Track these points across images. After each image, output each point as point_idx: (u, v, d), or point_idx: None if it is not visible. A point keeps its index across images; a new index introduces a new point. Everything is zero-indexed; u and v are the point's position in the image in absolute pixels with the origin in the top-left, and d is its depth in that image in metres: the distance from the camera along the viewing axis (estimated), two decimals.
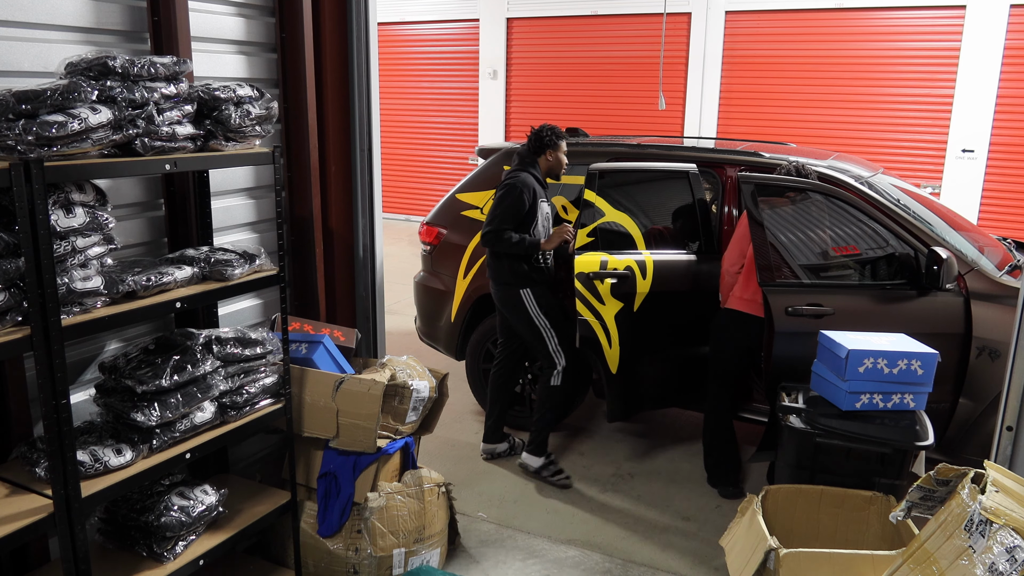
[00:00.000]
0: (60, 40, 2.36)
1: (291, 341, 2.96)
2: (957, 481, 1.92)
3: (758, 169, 4.01)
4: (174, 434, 2.31)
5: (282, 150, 2.97)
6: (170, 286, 2.31)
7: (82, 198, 2.08)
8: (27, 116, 1.88)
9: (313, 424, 2.89)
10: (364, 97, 3.40)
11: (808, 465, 2.84)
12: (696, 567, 3.35)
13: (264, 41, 3.13)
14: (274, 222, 3.23)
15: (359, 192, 3.49)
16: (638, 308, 3.85)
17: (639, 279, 3.84)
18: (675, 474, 4.17)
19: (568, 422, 4.72)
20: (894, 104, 8.72)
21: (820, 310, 3.51)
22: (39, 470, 2.11)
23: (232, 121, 2.39)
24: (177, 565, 2.37)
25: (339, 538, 2.91)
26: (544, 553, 3.42)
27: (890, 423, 2.77)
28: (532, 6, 10.61)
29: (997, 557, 1.68)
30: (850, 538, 2.71)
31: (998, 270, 3.64)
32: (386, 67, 11.64)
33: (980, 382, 3.43)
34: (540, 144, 3.94)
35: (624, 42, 10.11)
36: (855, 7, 8.70)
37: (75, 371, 2.48)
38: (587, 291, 3.81)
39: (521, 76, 10.93)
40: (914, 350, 2.79)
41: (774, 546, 2.34)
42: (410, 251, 9.36)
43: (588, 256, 3.85)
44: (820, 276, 3.68)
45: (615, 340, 3.85)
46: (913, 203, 3.95)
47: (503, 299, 3.96)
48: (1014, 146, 8.23)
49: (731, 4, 9.35)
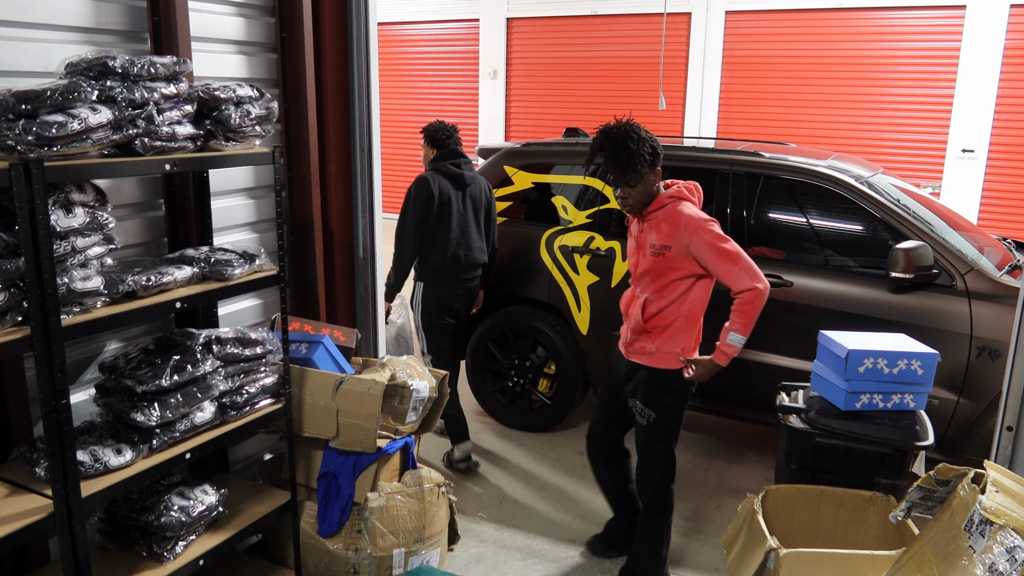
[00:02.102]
0: (60, 40, 2.36)
1: (291, 341, 2.95)
2: (957, 481, 1.92)
3: (757, 169, 4.03)
4: (174, 434, 2.31)
5: (282, 150, 2.97)
6: (170, 286, 2.31)
7: (82, 198, 2.08)
8: (27, 116, 1.88)
9: (313, 424, 2.89)
10: (364, 97, 3.40)
11: (808, 465, 2.84)
12: (696, 567, 3.35)
13: (264, 41, 3.13)
14: (274, 222, 3.23)
15: (359, 192, 3.49)
16: (616, 285, 4.23)
17: (618, 260, 4.23)
18: None
19: (568, 422, 4.72)
20: (894, 104, 8.72)
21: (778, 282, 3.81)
22: (39, 470, 2.11)
23: (232, 121, 2.39)
24: (177, 565, 2.37)
25: (339, 538, 2.91)
26: (544, 553, 3.42)
27: (890, 423, 2.77)
28: (532, 6, 10.61)
29: (997, 557, 1.68)
30: (850, 538, 2.71)
31: (998, 270, 3.65)
32: (386, 67, 11.64)
33: (980, 382, 3.44)
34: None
35: (624, 42, 10.10)
36: (855, 7, 8.70)
37: (75, 371, 2.48)
38: (565, 261, 4.36)
39: (521, 76, 10.93)
40: (914, 350, 2.79)
41: (774, 546, 2.34)
42: None
43: (577, 234, 4.35)
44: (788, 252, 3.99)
45: (585, 306, 4.34)
46: (913, 203, 3.96)
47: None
48: (1014, 146, 8.23)
49: (731, 4, 9.35)
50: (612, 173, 2.75)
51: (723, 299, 2.86)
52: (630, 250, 2.98)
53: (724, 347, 2.77)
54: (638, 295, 2.93)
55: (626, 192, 2.78)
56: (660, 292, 2.86)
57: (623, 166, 2.72)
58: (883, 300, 3.64)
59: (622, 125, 2.75)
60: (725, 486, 4.06)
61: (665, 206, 2.83)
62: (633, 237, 2.96)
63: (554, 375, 4.53)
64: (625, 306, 3.05)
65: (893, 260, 3.53)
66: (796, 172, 3.98)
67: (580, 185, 4.42)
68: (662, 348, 2.88)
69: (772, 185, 4.03)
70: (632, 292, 3.01)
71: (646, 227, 2.87)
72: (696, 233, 2.74)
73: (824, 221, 4.00)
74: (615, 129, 2.74)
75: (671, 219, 2.80)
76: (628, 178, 2.73)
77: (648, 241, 2.84)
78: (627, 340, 2.99)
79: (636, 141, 2.70)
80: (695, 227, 2.75)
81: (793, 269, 3.87)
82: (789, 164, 4.02)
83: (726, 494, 3.97)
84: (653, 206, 2.84)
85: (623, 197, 2.81)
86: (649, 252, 2.83)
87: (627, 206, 2.84)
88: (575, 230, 4.38)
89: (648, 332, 2.89)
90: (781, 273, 3.85)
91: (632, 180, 2.74)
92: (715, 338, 2.83)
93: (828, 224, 4.01)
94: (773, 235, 4.11)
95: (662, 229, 2.80)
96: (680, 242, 2.76)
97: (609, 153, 2.72)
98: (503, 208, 4.59)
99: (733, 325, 2.76)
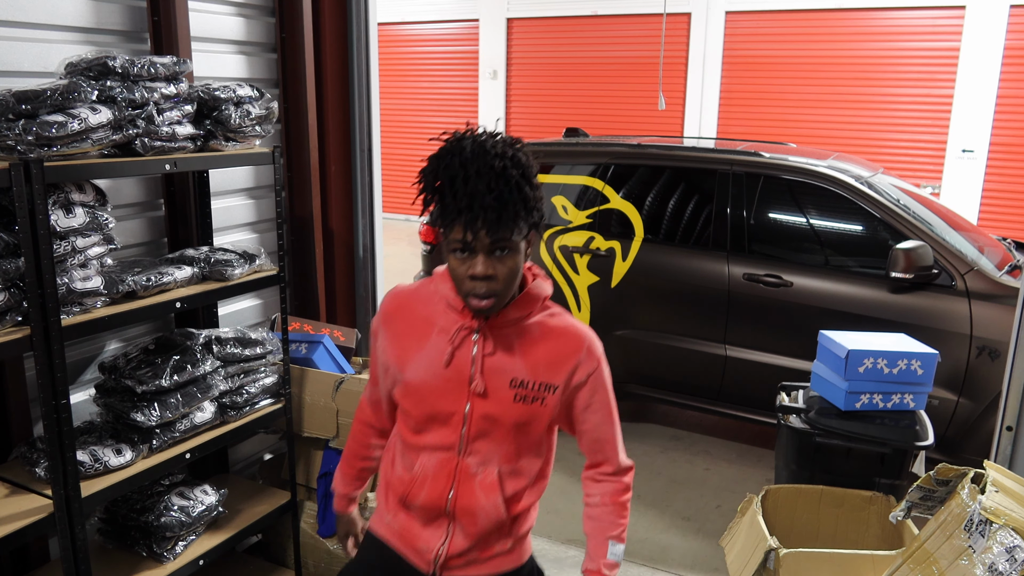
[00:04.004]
0: (60, 40, 2.36)
1: (291, 341, 2.95)
2: (957, 481, 1.92)
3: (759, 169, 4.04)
4: (174, 434, 2.31)
5: (282, 150, 2.97)
6: (170, 286, 2.31)
7: (82, 198, 2.08)
8: (27, 116, 1.88)
9: (313, 424, 2.89)
10: (364, 97, 3.41)
11: (808, 465, 2.84)
12: (696, 567, 3.35)
13: (264, 41, 3.13)
14: (274, 222, 3.23)
15: (359, 192, 3.49)
16: (616, 285, 4.25)
17: (619, 260, 4.22)
18: (675, 474, 4.17)
19: None
20: (894, 104, 8.72)
21: (778, 281, 3.84)
22: (39, 470, 2.11)
23: (232, 121, 2.39)
24: (177, 565, 2.37)
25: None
26: (544, 553, 3.42)
27: (890, 423, 2.77)
28: (532, 6, 10.61)
29: (997, 557, 1.68)
30: (850, 538, 2.71)
31: (998, 270, 3.65)
32: (386, 67, 11.64)
33: (980, 382, 3.44)
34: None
35: (624, 42, 10.11)
36: (855, 7, 8.70)
37: (75, 371, 2.48)
38: (565, 261, 4.35)
39: (521, 76, 10.94)
40: (914, 350, 2.79)
41: (774, 546, 2.34)
42: (410, 251, 9.36)
43: (577, 234, 4.35)
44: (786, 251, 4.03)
45: (585, 306, 4.33)
46: (913, 203, 3.96)
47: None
48: (1014, 146, 8.23)
49: (731, 4, 9.35)
50: (479, 225, 1.43)
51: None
52: (437, 378, 1.62)
53: (607, 567, 1.72)
54: (473, 469, 1.64)
55: (490, 266, 1.48)
56: (523, 458, 1.69)
57: (505, 214, 1.43)
58: (883, 300, 3.64)
59: (501, 142, 1.48)
60: (725, 486, 4.06)
61: (548, 313, 1.64)
62: (451, 350, 1.61)
63: None
64: (402, 483, 1.68)
65: (893, 260, 3.53)
66: (796, 172, 3.98)
67: (580, 185, 4.42)
68: (519, 534, 1.74)
69: (772, 185, 4.03)
70: (439, 460, 1.65)
71: (493, 345, 1.60)
72: (601, 377, 1.66)
73: (824, 221, 4.00)
74: (491, 146, 1.45)
75: (562, 342, 1.62)
76: (504, 236, 1.46)
77: (505, 371, 1.60)
78: (450, 553, 1.67)
79: (530, 174, 1.49)
80: (602, 371, 1.66)
81: (793, 269, 3.87)
82: (789, 164, 4.03)
83: (726, 494, 3.96)
84: (516, 309, 1.60)
85: (482, 275, 1.48)
86: (509, 393, 1.60)
87: (484, 293, 1.50)
88: (575, 230, 4.38)
89: (507, 526, 1.69)
90: (781, 273, 3.86)
91: (509, 243, 1.48)
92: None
93: (828, 224, 4.01)
94: (773, 235, 4.11)
95: (537, 356, 1.60)
96: (570, 384, 1.63)
97: (482, 187, 1.42)
98: None
99: (612, 529, 1.73)
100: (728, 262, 4.00)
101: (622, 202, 4.28)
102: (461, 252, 1.48)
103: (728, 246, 4.03)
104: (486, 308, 1.52)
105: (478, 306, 1.51)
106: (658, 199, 4.27)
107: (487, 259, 1.47)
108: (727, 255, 4.01)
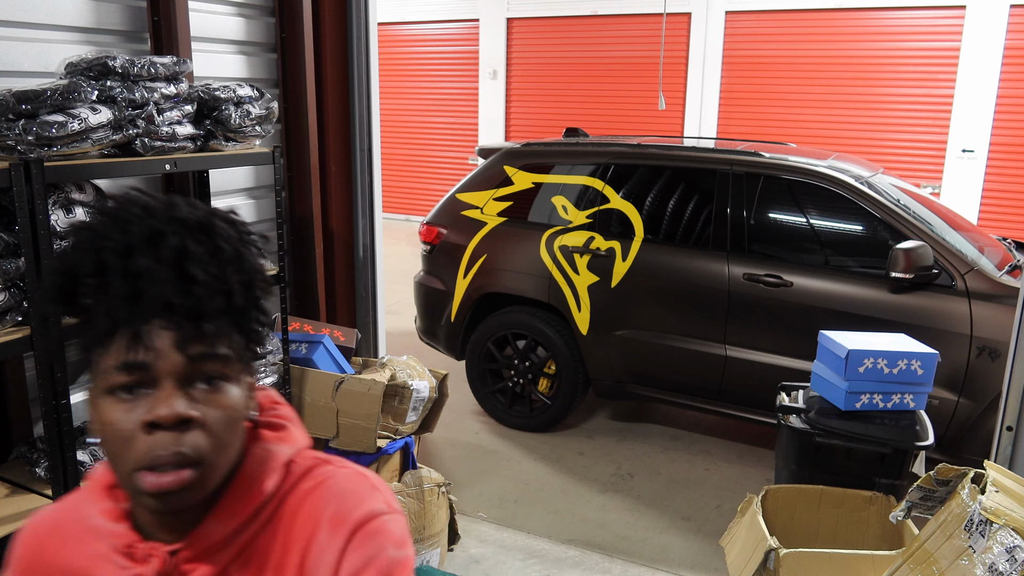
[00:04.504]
0: (60, 40, 2.36)
1: (291, 341, 2.95)
2: (957, 481, 1.92)
3: (757, 168, 4.04)
4: None
5: (282, 150, 2.97)
6: None
7: (82, 198, 2.08)
8: (27, 116, 1.88)
9: (313, 424, 2.89)
10: (364, 97, 3.41)
11: (808, 465, 2.84)
12: (696, 567, 3.35)
13: (264, 41, 3.13)
14: (274, 222, 3.23)
15: (359, 192, 3.49)
16: (616, 285, 4.23)
17: (618, 260, 4.19)
18: (675, 474, 4.17)
19: (568, 422, 4.72)
20: (894, 104, 8.72)
21: (778, 280, 3.85)
22: (39, 470, 2.11)
23: (232, 121, 2.39)
24: None
25: None
26: (544, 553, 3.42)
27: (890, 423, 2.77)
28: (532, 6, 10.62)
29: (997, 557, 1.68)
30: (850, 538, 2.71)
31: (998, 270, 3.65)
32: (386, 67, 11.64)
33: (980, 382, 3.44)
34: None
35: (624, 42, 10.11)
36: (855, 7, 8.71)
37: (75, 371, 2.48)
38: (565, 261, 4.31)
39: (521, 76, 10.94)
40: (914, 350, 2.79)
41: (774, 546, 2.34)
42: (410, 251, 9.36)
43: (577, 234, 4.32)
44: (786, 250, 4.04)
45: (585, 306, 4.28)
46: (913, 203, 3.96)
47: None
48: (1014, 146, 8.23)
49: (731, 4, 9.35)
50: (158, 327, 0.79)
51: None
52: None
53: None
54: None
55: (187, 403, 0.80)
56: None
57: (208, 304, 0.80)
58: (883, 300, 3.64)
59: (208, 214, 0.84)
60: (725, 486, 4.06)
61: (295, 482, 0.91)
62: None
63: (554, 375, 4.53)
64: None
65: (893, 260, 3.53)
66: (796, 172, 3.98)
67: (580, 185, 4.42)
68: None
69: (772, 185, 4.03)
70: None
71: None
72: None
73: (824, 221, 4.00)
74: (180, 204, 0.84)
75: (310, 524, 0.87)
76: (209, 348, 0.82)
77: None
78: None
79: (253, 240, 0.89)
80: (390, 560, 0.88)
81: (793, 269, 3.87)
82: (789, 164, 4.03)
83: (726, 494, 3.96)
84: (229, 515, 0.87)
85: (171, 419, 0.79)
86: None
87: (173, 460, 0.79)
88: (575, 230, 4.38)
89: None
90: (781, 273, 3.86)
91: (219, 362, 0.83)
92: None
93: (828, 224, 4.01)
94: (773, 235, 4.12)
95: (288, 564, 0.87)
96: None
97: (162, 259, 0.78)
98: (503, 208, 4.59)
99: None
100: (728, 262, 4.00)
101: (622, 202, 4.28)
102: (126, 390, 0.80)
103: (728, 246, 4.03)
104: (177, 492, 0.80)
105: (159, 486, 0.79)
106: (658, 199, 4.27)
107: (179, 391, 0.80)
108: (727, 255, 4.01)
